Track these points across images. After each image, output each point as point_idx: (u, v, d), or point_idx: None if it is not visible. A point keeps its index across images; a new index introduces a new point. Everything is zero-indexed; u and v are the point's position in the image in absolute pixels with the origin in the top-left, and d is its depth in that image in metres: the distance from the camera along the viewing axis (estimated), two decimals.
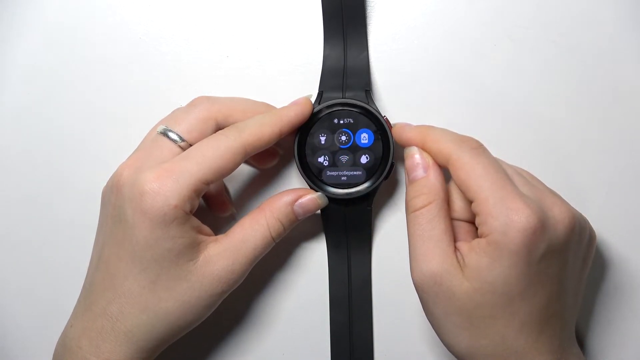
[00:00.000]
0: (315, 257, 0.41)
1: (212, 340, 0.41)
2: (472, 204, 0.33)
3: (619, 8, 0.39)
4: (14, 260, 0.42)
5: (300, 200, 0.36)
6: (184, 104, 0.37)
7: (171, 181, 0.32)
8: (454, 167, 0.33)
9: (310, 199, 0.36)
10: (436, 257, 0.32)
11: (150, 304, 0.33)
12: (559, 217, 0.32)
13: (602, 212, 0.39)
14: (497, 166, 0.33)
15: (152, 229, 0.32)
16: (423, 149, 0.35)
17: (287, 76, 0.40)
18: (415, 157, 0.35)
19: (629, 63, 0.39)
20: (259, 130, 0.34)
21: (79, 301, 0.35)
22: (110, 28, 0.41)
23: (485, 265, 0.31)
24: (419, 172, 0.35)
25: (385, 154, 0.37)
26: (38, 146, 0.41)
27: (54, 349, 0.35)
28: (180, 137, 0.34)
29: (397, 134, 0.36)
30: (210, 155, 0.33)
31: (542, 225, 0.31)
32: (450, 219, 0.34)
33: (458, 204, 0.35)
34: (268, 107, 0.37)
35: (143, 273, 0.32)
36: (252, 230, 0.35)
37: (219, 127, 0.35)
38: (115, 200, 0.33)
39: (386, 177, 0.37)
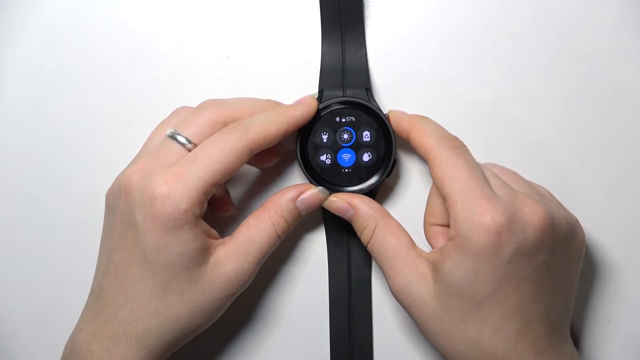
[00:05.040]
0: (315, 257, 0.41)
1: (212, 341, 0.41)
2: (445, 203, 0.33)
3: (619, 8, 0.39)
4: (14, 260, 0.42)
5: (302, 196, 0.36)
6: (184, 103, 0.37)
7: (181, 185, 0.32)
8: (432, 163, 0.34)
9: (312, 194, 0.36)
10: (399, 272, 0.33)
11: (161, 308, 0.32)
12: (528, 219, 0.31)
13: (601, 212, 0.39)
14: (474, 168, 0.33)
15: (163, 234, 0.32)
16: (408, 138, 0.36)
17: (287, 76, 0.40)
18: (336, 205, 0.36)
19: (629, 63, 0.39)
20: (264, 129, 0.34)
21: (87, 306, 0.35)
22: (110, 28, 0.41)
23: (449, 269, 0.32)
24: (350, 212, 0.36)
25: (388, 152, 0.37)
26: (38, 146, 0.41)
27: (53, 349, 0.35)
28: (189, 140, 0.34)
29: (393, 121, 0.37)
30: (216, 157, 0.33)
31: (508, 227, 0.31)
32: (402, 229, 0.35)
33: (439, 210, 0.35)
34: (275, 105, 0.37)
35: (154, 278, 0.32)
36: (258, 229, 0.35)
37: None
38: (125, 205, 0.33)
39: (388, 175, 0.37)
